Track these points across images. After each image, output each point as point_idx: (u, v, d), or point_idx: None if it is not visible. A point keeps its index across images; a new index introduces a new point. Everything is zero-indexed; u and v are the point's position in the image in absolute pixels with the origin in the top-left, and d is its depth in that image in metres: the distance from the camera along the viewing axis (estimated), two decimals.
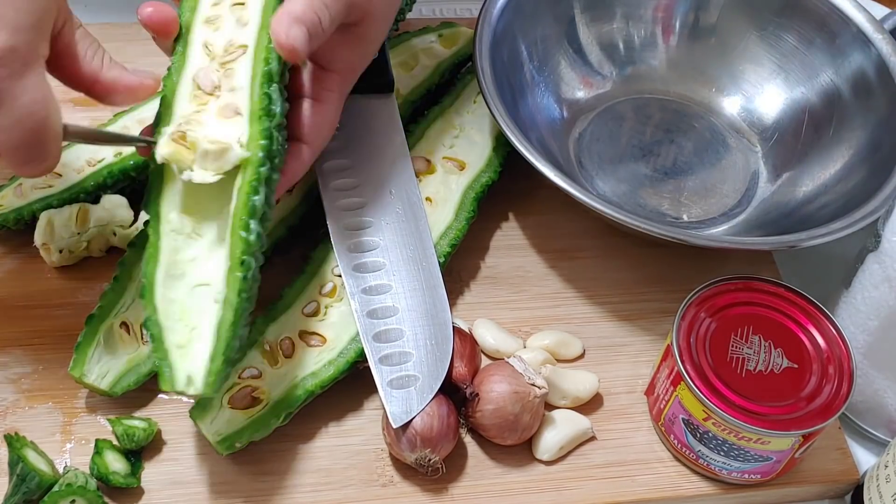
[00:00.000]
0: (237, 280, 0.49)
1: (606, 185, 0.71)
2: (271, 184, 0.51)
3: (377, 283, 0.59)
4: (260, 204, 0.50)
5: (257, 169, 0.50)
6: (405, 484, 0.55)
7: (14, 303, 0.60)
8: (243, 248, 0.49)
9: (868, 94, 0.69)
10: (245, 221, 0.49)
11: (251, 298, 0.50)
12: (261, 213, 0.50)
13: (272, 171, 0.51)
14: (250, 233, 0.49)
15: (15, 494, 0.51)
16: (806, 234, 0.60)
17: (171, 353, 0.49)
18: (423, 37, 0.74)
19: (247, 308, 0.49)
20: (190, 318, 0.50)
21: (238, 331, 0.49)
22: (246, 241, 0.49)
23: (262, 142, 0.50)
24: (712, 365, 0.54)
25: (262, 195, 0.50)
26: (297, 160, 0.55)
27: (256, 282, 0.50)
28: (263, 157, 0.50)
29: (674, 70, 0.77)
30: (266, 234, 0.51)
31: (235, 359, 0.50)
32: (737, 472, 0.55)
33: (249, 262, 0.49)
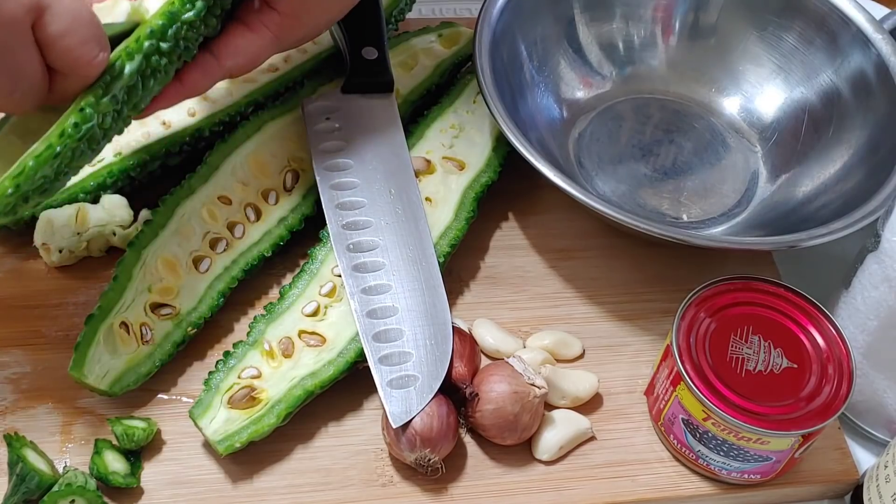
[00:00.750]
0: (68, 122, 0.48)
1: (606, 185, 0.71)
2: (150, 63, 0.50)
3: (377, 283, 0.59)
4: (129, 72, 0.49)
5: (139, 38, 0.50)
6: (405, 484, 0.55)
7: (14, 303, 0.60)
8: (91, 101, 0.48)
9: (868, 95, 0.69)
10: (107, 81, 0.49)
11: (74, 151, 0.48)
12: (127, 82, 0.49)
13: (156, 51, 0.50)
14: (107, 93, 0.49)
15: (14, 494, 0.51)
16: (806, 234, 0.60)
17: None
18: (423, 37, 0.74)
19: (64, 154, 0.48)
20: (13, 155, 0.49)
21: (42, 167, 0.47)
22: (97, 96, 0.49)
23: (160, 21, 0.50)
24: (712, 365, 0.54)
25: (135, 65, 0.50)
26: (201, 71, 0.54)
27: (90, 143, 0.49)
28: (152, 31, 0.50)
29: (673, 70, 0.77)
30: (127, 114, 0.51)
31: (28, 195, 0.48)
32: (736, 472, 0.55)
33: (90, 115, 0.48)
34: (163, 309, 0.58)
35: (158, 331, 0.57)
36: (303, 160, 0.65)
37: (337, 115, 0.65)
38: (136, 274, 0.58)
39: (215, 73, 0.55)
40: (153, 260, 0.59)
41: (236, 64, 0.56)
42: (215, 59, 0.55)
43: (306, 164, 0.65)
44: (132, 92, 0.50)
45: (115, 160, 0.64)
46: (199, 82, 0.55)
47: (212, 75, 0.55)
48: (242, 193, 0.62)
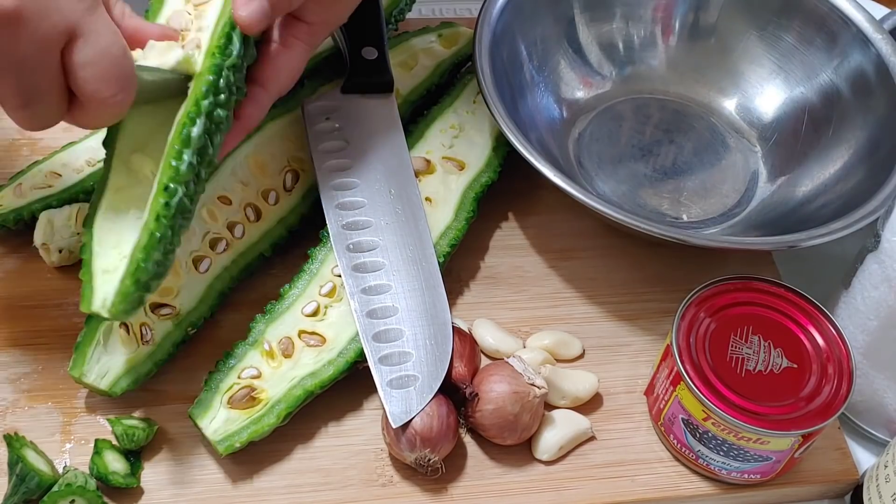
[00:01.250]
0: (159, 205, 0.49)
1: (606, 185, 0.71)
2: (213, 119, 0.51)
3: (377, 283, 0.59)
4: (196, 135, 0.50)
5: (198, 100, 0.50)
6: (405, 484, 0.55)
7: (14, 303, 0.60)
8: (171, 175, 0.49)
9: (868, 94, 0.69)
10: (178, 150, 0.50)
11: (173, 228, 0.50)
12: (197, 145, 0.50)
13: (215, 106, 0.51)
14: (181, 162, 0.50)
15: (14, 494, 0.51)
16: (806, 234, 0.60)
17: (95, 277, 0.50)
18: (423, 37, 0.74)
19: (166, 235, 0.49)
20: (123, 247, 0.51)
21: (152, 255, 0.49)
22: (175, 170, 0.49)
23: (210, 76, 0.51)
24: (712, 365, 0.54)
25: (200, 127, 0.50)
26: (253, 103, 0.55)
27: (183, 214, 0.50)
28: (206, 89, 0.51)
29: (673, 70, 0.77)
30: (206, 173, 0.51)
31: (150, 286, 0.49)
32: (736, 472, 0.55)
33: (174, 190, 0.49)
34: (163, 309, 0.58)
35: (158, 331, 0.57)
36: (303, 160, 0.65)
37: (337, 115, 0.65)
38: None
39: (265, 101, 0.56)
40: None
41: (280, 85, 0.57)
42: (261, 88, 0.56)
43: (306, 164, 0.65)
44: (203, 152, 0.51)
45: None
46: (254, 115, 0.55)
47: (262, 104, 0.56)
48: (242, 193, 0.62)
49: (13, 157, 0.68)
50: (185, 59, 0.51)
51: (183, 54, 0.51)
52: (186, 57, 0.52)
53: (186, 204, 0.50)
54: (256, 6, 0.52)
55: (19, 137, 0.69)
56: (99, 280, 0.50)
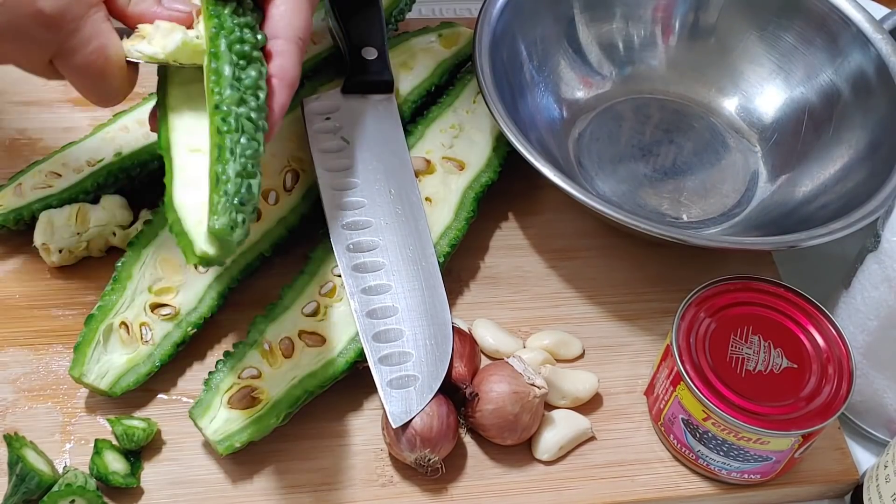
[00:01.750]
0: (216, 122, 0.48)
1: (606, 185, 0.71)
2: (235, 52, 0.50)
3: (377, 283, 0.59)
4: (226, 70, 0.49)
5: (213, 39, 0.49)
6: (405, 484, 0.55)
7: (14, 303, 0.60)
8: (217, 100, 0.48)
9: (868, 94, 0.69)
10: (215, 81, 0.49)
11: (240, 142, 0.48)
12: (231, 76, 0.49)
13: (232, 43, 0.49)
14: (223, 87, 0.48)
15: (14, 494, 0.51)
16: (806, 234, 0.60)
17: (191, 231, 0.48)
18: (423, 37, 0.74)
19: (234, 147, 0.48)
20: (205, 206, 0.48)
21: (228, 166, 0.47)
22: (219, 94, 0.48)
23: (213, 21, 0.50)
24: (712, 365, 0.54)
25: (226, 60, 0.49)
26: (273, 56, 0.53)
27: (246, 132, 0.48)
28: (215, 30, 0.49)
29: (673, 70, 0.77)
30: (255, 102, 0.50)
31: (243, 199, 0.47)
32: (736, 472, 0.55)
33: (227, 110, 0.48)
34: (163, 309, 0.58)
35: (158, 331, 0.57)
36: (303, 160, 0.65)
37: (337, 115, 0.65)
38: (136, 274, 0.58)
39: (292, 49, 0.53)
40: (153, 260, 0.59)
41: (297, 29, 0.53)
42: (279, 39, 0.53)
43: (306, 164, 0.65)
44: (243, 83, 0.49)
45: (114, 160, 0.64)
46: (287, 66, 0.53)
47: (291, 53, 0.53)
48: None
49: (13, 157, 0.68)
50: (185, 43, 0.50)
51: (182, 38, 0.50)
52: (185, 41, 0.50)
53: (247, 124, 0.48)
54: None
55: (19, 137, 0.69)
56: (195, 231, 0.47)
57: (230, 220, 0.46)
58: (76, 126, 0.70)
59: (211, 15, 0.50)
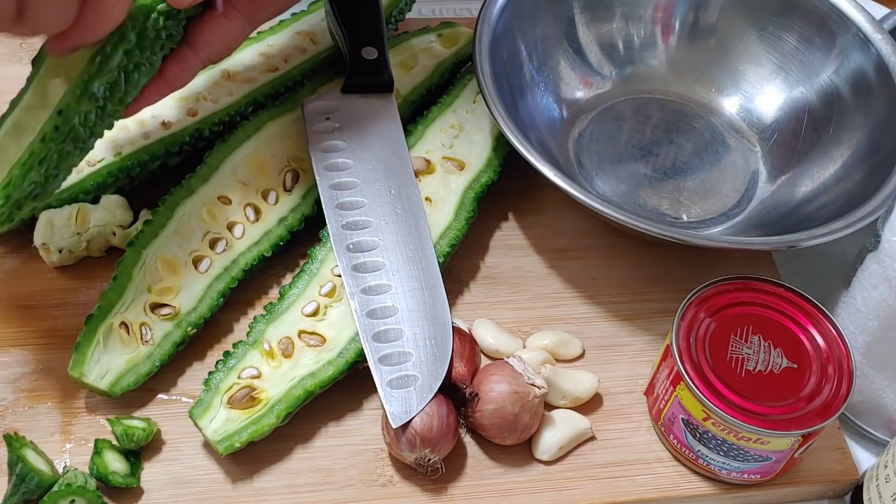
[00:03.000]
0: (48, 127, 0.48)
1: (606, 185, 0.71)
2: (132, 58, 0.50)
3: (376, 283, 0.59)
4: (111, 68, 0.49)
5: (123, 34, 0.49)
6: (405, 484, 0.55)
7: (14, 303, 0.60)
8: (70, 100, 0.48)
9: (868, 94, 0.69)
10: (86, 79, 0.49)
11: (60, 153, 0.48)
12: (108, 78, 0.49)
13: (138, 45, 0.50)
14: (86, 91, 0.49)
15: (14, 494, 0.51)
16: (806, 234, 0.60)
17: None
18: (423, 37, 0.74)
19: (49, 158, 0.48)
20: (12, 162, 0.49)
21: (29, 174, 0.47)
22: (76, 96, 0.48)
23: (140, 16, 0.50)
24: (712, 365, 0.54)
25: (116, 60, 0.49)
26: (180, 63, 0.54)
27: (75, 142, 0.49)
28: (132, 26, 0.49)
29: (673, 70, 0.77)
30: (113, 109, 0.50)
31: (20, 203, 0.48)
32: (736, 472, 0.55)
33: (69, 116, 0.48)
34: (163, 309, 0.58)
35: (158, 331, 0.57)
36: (303, 160, 0.65)
37: (337, 115, 0.65)
38: (136, 274, 0.58)
39: (193, 65, 0.55)
40: (153, 260, 0.59)
41: (212, 52, 0.56)
42: (192, 50, 0.55)
43: (306, 164, 0.65)
44: (115, 88, 0.50)
45: (115, 160, 0.64)
46: (179, 75, 0.54)
47: (190, 67, 0.55)
48: (242, 193, 0.62)
49: None
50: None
51: None
52: None
53: (81, 133, 0.49)
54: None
55: None
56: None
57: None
58: None
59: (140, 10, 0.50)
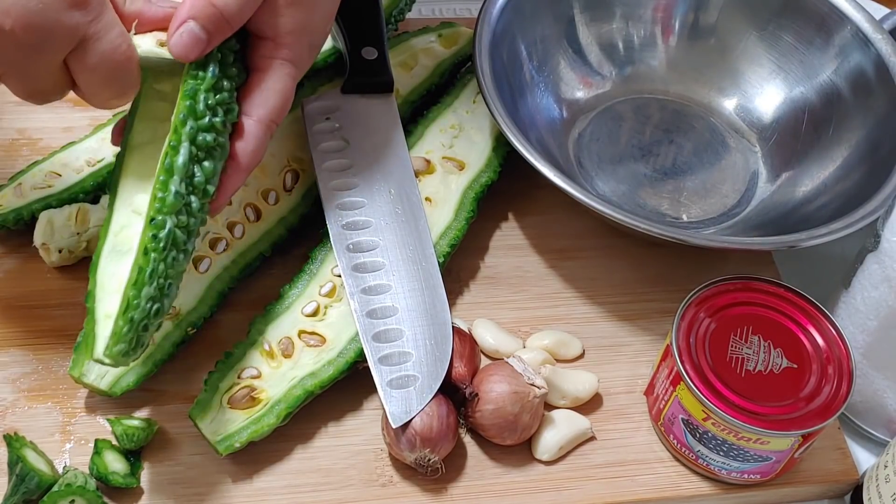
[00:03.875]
0: (146, 238, 0.48)
1: (606, 185, 0.71)
2: (198, 145, 0.49)
3: (376, 283, 0.59)
4: (181, 163, 0.48)
5: (177, 127, 0.49)
6: (405, 484, 0.55)
7: (14, 303, 0.60)
8: (157, 207, 0.48)
9: (867, 94, 0.69)
10: (163, 181, 0.48)
11: (166, 261, 0.48)
12: (183, 174, 0.48)
13: (198, 130, 0.49)
14: (167, 192, 0.48)
15: (14, 494, 0.51)
16: (806, 234, 0.60)
17: (97, 324, 0.49)
18: (423, 37, 0.74)
19: (157, 270, 0.47)
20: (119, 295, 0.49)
21: (143, 291, 0.47)
22: (162, 200, 0.48)
23: (186, 102, 0.49)
24: (712, 365, 0.54)
25: (185, 154, 0.48)
26: (244, 137, 0.52)
27: (177, 247, 0.48)
28: (184, 116, 0.49)
29: (673, 70, 0.77)
30: (199, 202, 0.49)
31: (148, 325, 0.48)
32: (736, 472, 0.55)
33: (162, 221, 0.48)
34: None
35: (158, 331, 0.57)
36: (303, 160, 0.65)
37: (337, 115, 0.65)
38: None
39: (254, 131, 0.52)
40: None
41: (270, 111, 0.53)
42: (251, 119, 0.52)
43: (306, 164, 0.65)
44: (192, 181, 0.49)
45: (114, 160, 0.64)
46: (246, 149, 0.52)
47: (258, 136, 0.52)
48: (242, 193, 0.62)
49: (13, 157, 0.68)
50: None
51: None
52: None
53: (179, 236, 0.48)
54: (187, 35, 0.49)
55: (19, 137, 0.69)
56: (100, 326, 0.48)
57: (127, 348, 0.48)
58: (76, 126, 0.70)
59: (186, 94, 0.49)
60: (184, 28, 0.49)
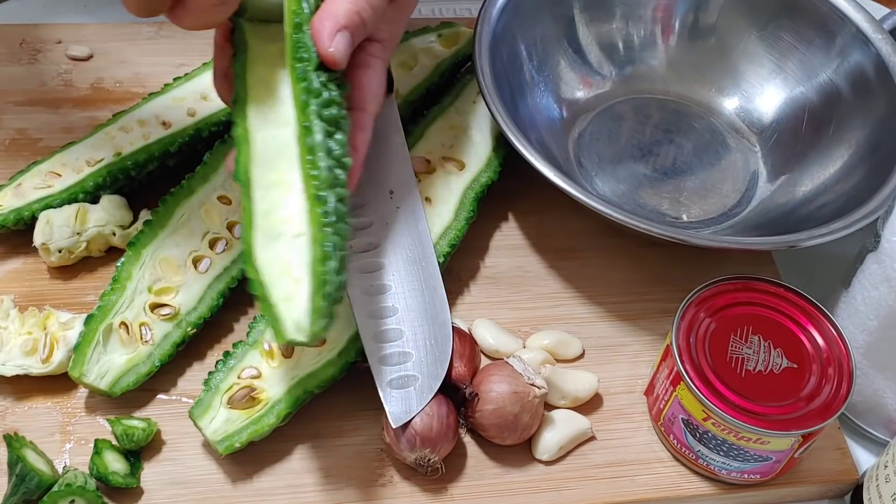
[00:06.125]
0: (316, 215, 0.49)
1: (606, 185, 0.71)
2: (326, 119, 0.51)
3: (377, 283, 0.59)
4: (319, 140, 0.50)
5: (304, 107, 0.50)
6: (405, 484, 0.55)
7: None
8: (315, 184, 0.49)
9: (867, 94, 0.69)
10: (310, 160, 0.50)
11: (339, 232, 0.49)
12: (323, 148, 0.50)
13: (322, 106, 0.51)
14: (318, 169, 0.49)
15: (14, 494, 0.51)
16: (806, 234, 0.60)
17: (277, 308, 0.49)
18: (423, 37, 0.74)
19: (335, 241, 0.49)
20: (292, 271, 0.49)
21: (329, 264, 0.48)
22: (317, 178, 0.49)
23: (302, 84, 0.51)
24: (712, 365, 0.54)
25: (319, 131, 0.50)
26: (361, 129, 0.55)
27: (341, 218, 0.50)
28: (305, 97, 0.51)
29: (673, 70, 0.77)
30: (342, 173, 0.51)
31: (338, 297, 0.49)
32: (736, 472, 0.55)
33: (325, 197, 0.49)
34: (162, 309, 0.58)
35: (158, 331, 0.57)
36: None
37: None
38: (136, 274, 0.58)
39: (369, 123, 0.56)
40: (153, 260, 0.59)
41: (377, 103, 0.57)
42: (362, 111, 0.55)
43: None
44: (331, 153, 0.51)
45: (115, 160, 0.64)
46: (366, 139, 0.55)
47: (368, 126, 0.56)
48: None
49: (13, 157, 0.68)
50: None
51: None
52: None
53: (340, 208, 0.50)
54: (342, 43, 0.52)
55: (19, 137, 0.69)
56: (283, 309, 0.48)
57: (328, 321, 0.48)
58: (76, 126, 0.70)
59: (298, 78, 0.51)
60: (340, 37, 0.51)
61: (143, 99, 0.68)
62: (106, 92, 0.73)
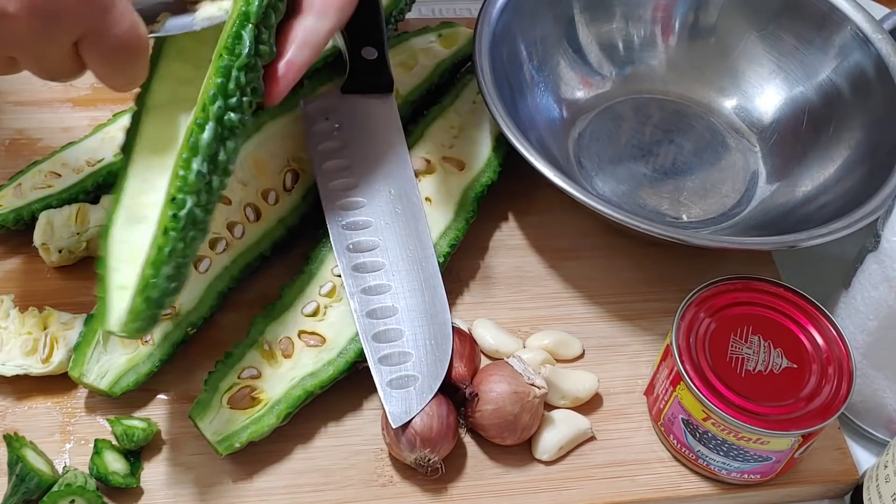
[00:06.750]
0: (166, 217, 0.47)
1: (606, 185, 0.71)
2: (224, 124, 0.49)
3: (376, 283, 0.59)
4: (206, 142, 0.48)
5: (206, 105, 0.49)
6: (405, 484, 0.55)
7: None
8: (179, 185, 0.48)
9: (867, 94, 0.69)
10: (186, 159, 0.48)
11: (185, 240, 0.48)
12: (207, 153, 0.48)
13: (226, 110, 0.49)
14: (189, 171, 0.48)
15: (14, 494, 0.51)
16: (806, 234, 0.60)
17: (110, 294, 0.48)
18: (423, 37, 0.74)
19: (176, 249, 0.47)
20: (139, 259, 0.48)
21: (162, 270, 0.47)
22: (184, 179, 0.48)
23: (218, 79, 0.49)
24: (712, 365, 0.54)
25: (210, 133, 0.48)
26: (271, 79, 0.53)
27: (195, 225, 0.48)
28: (214, 93, 0.49)
29: (673, 70, 0.77)
30: (219, 181, 0.49)
31: (166, 302, 0.48)
32: (736, 472, 0.55)
33: (183, 200, 0.47)
34: None
35: (158, 331, 0.57)
36: (303, 160, 0.65)
37: (337, 115, 0.65)
38: None
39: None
40: None
41: (299, 54, 0.53)
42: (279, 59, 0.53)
43: (306, 164, 0.65)
44: (215, 160, 0.49)
45: (115, 160, 0.64)
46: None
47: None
48: (242, 193, 0.62)
49: (13, 157, 0.68)
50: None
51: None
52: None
53: (198, 214, 0.48)
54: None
55: (19, 137, 0.69)
56: (114, 297, 0.48)
57: (144, 325, 0.48)
58: (76, 126, 0.70)
59: (219, 71, 0.49)
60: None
61: None
62: (106, 92, 0.72)
